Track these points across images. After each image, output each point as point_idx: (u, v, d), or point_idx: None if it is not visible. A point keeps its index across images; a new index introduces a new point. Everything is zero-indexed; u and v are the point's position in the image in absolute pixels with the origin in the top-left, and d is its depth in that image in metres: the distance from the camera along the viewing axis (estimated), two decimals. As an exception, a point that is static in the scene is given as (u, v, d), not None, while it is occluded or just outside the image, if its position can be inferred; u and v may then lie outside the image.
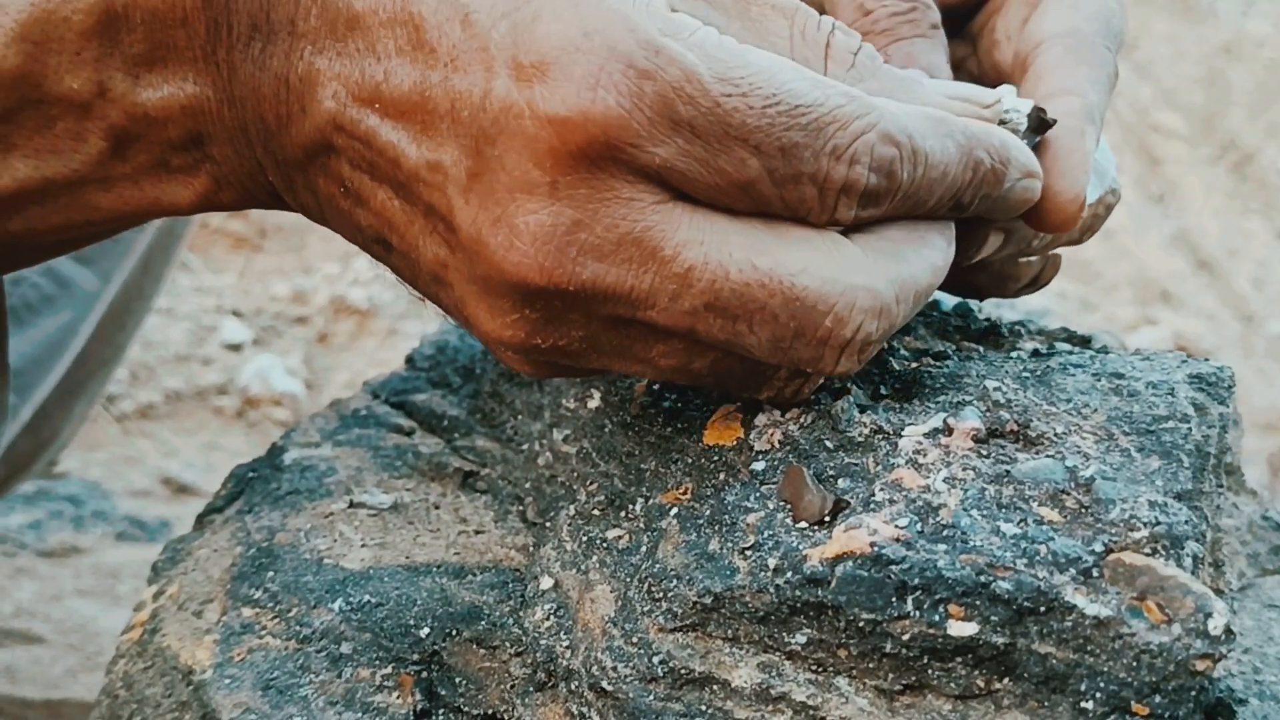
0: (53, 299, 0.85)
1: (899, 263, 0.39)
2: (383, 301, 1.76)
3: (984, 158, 0.39)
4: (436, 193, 0.38)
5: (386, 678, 0.43)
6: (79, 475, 1.41)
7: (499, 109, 0.35)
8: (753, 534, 0.39)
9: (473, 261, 0.38)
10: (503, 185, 0.36)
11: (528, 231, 0.36)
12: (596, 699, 0.39)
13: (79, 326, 0.87)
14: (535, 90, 0.35)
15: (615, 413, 0.49)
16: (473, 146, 0.36)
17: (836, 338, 0.37)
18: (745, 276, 0.36)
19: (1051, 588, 0.35)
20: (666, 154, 0.35)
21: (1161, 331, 1.96)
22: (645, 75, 0.34)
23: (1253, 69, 2.47)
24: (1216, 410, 0.44)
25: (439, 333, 0.64)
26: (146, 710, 0.46)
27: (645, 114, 0.35)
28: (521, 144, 0.35)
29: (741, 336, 0.37)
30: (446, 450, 0.56)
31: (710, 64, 0.35)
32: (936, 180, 0.38)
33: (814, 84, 0.36)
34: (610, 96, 0.34)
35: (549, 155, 0.35)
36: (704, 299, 0.37)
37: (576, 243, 0.36)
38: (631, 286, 0.37)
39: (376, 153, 0.38)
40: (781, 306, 0.37)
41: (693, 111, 0.35)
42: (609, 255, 0.36)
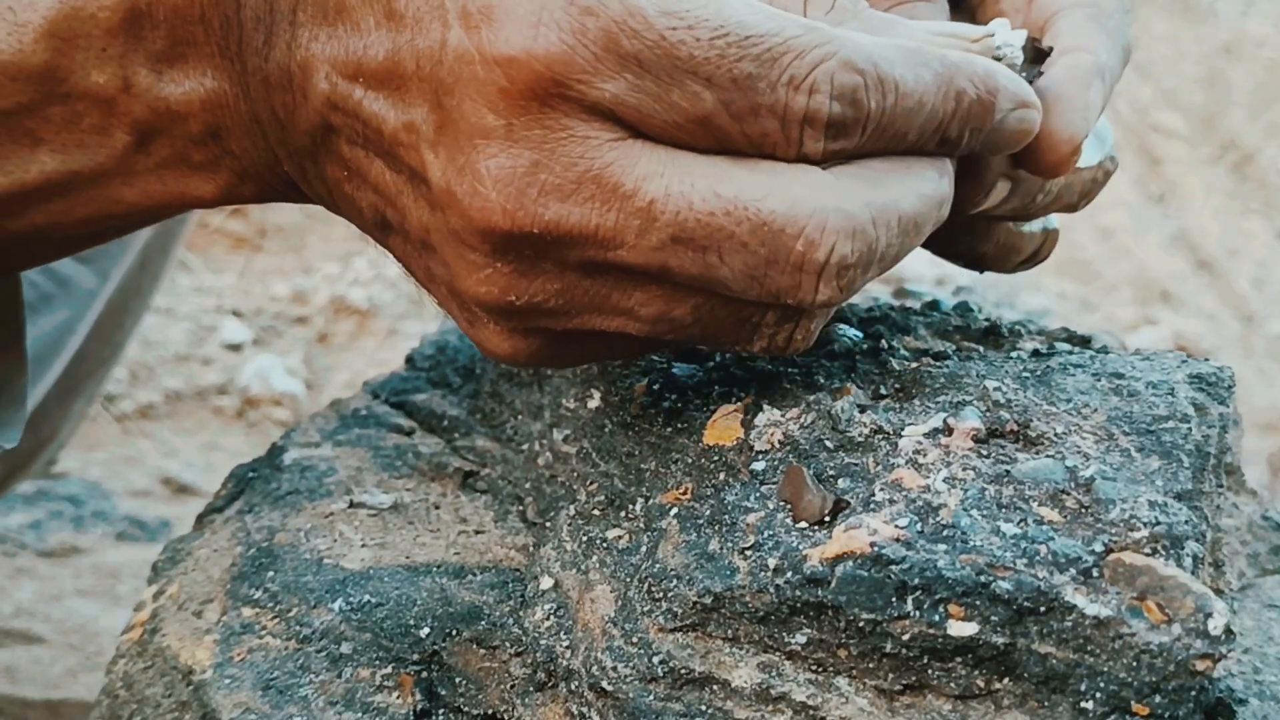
0: (50, 297, 0.85)
1: (876, 188, 0.38)
2: (383, 301, 1.76)
3: (967, 86, 0.38)
4: (413, 153, 0.38)
5: (386, 678, 0.43)
6: (79, 475, 1.41)
7: (453, 59, 0.36)
8: (753, 534, 0.39)
9: (447, 215, 0.38)
10: (464, 134, 0.36)
11: (489, 176, 0.36)
12: (596, 699, 0.39)
13: (77, 325, 0.87)
14: (482, 34, 0.35)
15: (615, 413, 0.49)
16: (435, 100, 0.37)
17: (811, 262, 0.37)
18: (709, 205, 0.36)
19: (1051, 588, 0.35)
20: (616, 89, 0.35)
21: (1161, 331, 1.96)
22: (587, 11, 0.35)
23: (1253, 69, 2.47)
24: (1216, 410, 0.44)
25: (439, 333, 0.64)
26: (146, 710, 0.46)
27: (590, 49, 0.35)
28: (475, 90, 0.36)
29: (714, 269, 0.37)
30: (446, 450, 0.56)
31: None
32: (913, 110, 0.37)
33: (768, 16, 0.35)
34: (553, 34, 0.35)
35: (500, 97, 0.35)
36: (670, 231, 0.36)
37: (537, 183, 0.36)
38: (597, 225, 0.37)
39: (365, 124, 0.39)
40: (749, 233, 0.36)
41: (638, 45, 0.35)
42: (571, 194, 0.36)
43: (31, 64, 0.39)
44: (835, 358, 0.47)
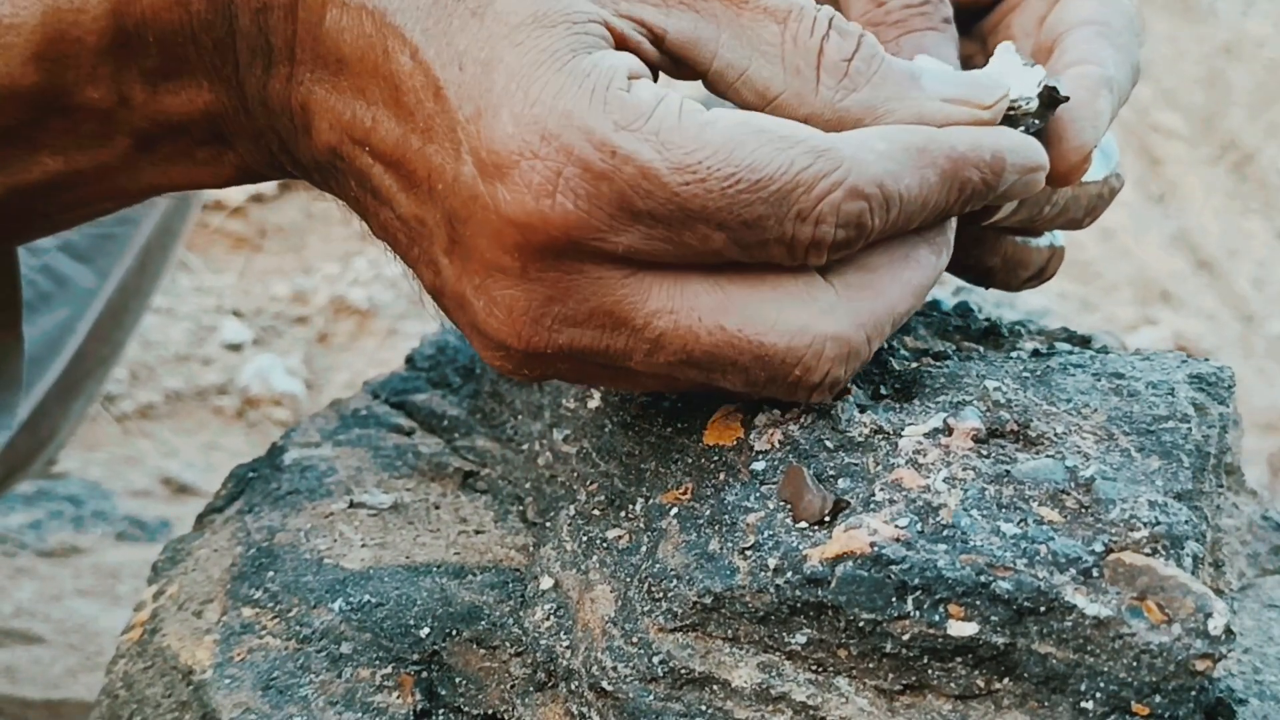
0: (50, 297, 0.85)
1: (874, 298, 0.39)
2: (383, 301, 1.76)
3: (972, 176, 0.39)
4: (425, 242, 0.39)
5: (386, 678, 0.43)
6: (79, 475, 1.41)
7: (467, 195, 0.37)
8: (753, 534, 0.39)
9: (458, 310, 0.40)
10: (477, 261, 0.37)
11: (504, 304, 0.38)
12: (596, 699, 0.39)
13: (76, 324, 0.87)
14: (498, 189, 0.36)
15: (615, 413, 0.49)
16: (447, 221, 0.38)
17: (806, 383, 0.39)
18: (715, 339, 0.38)
19: (1051, 588, 0.35)
20: (630, 240, 0.36)
21: (1161, 331, 1.96)
22: (601, 177, 0.35)
23: (1253, 69, 2.47)
24: (1216, 410, 0.44)
25: (439, 333, 0.64)
26: (146, 710, 0.46)
27: (604, 212, 0.36)
28: (489, 233, 0.37)
29: (717, 381, 0.39)
30: (446, 450, 0.56)
31: (666, 154, 0.35)
32: (916, 212, 0.38)
33: (777, 148, 0.36)
34: (568, 201, 0.35)
35: (515, 248, 0.37)
36: (678, 357, 0.38)
37: (551, 314, 0.38)
38: (608, 346, 0.38)
39: (374, 188, 0.40)
40: (751, 362, 0.38)
41: (651, 204, 0.35)
42: (583, 323, 0.38)
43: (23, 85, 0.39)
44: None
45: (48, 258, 0.84)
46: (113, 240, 0.87)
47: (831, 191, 0.36)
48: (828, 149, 0.36)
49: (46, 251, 0.83)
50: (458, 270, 0.38)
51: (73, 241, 0.84)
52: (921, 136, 0.38)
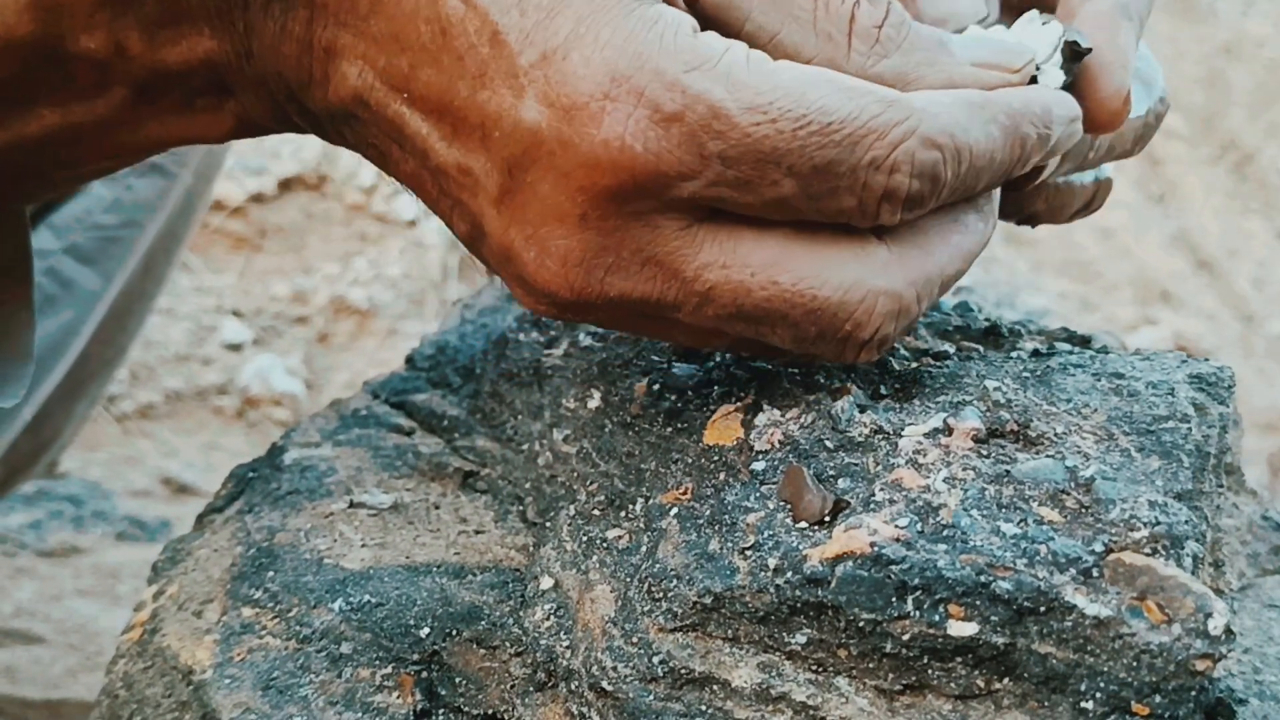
0: (55, 300, 0.85)
1: (925, 258, 0.39)
2: (383, 301, 1.76)
3: (1029, 132, 0.39)
4: (467, 193, 0.39)
5: (386, 678, 0.43)
6: (79, 475, 1.41)
7: (530, 141, 0.36)
8: (753, 534, 0.39)
9: (503, 261, 0.39)
10: (534, 209, 0.37)
11: (558, 254, 0.37)
12: (596, 699, 0.39)
13: (80, 327, 0.87)
14: (567, 132, 0.35)
15: (615, 413, 0.49)
16: (504, 167, 0.37)
17: (856, 339, 0.39)
18: (767, 293, 0.37)
19: (1051, 588, 0.35)
20: (696, 187, 0.36)
21: (1161, 331, 1.96)
22: (673, 118, 0.35)
23: (1253, 69, 2.47)
24: (1216, 410, 0.44)
25: (439, 333, 0.64)
26: (146, 710, 0.46)
27: (675, 155, 0.35)
28: (554, 177, 0.36)
29: (764, 336, 0.39)
30: (446, 450, 0.56)
31: (736, 94, 0.35)
32: (984, 168, 0.38)
33: (847, 95, 0.36)
34: (638, 144, 0.35)
35: (580, 192, 0.36)
36: (727, 311, 0.38)
37: (603, 265, 0.37)
38: (659, 296, 0.38)
39: (406, 137, 0.39)
40: (803, 316, 0.38)
41: (722, 145, 0.35)
42: (635, 274, 0.38)
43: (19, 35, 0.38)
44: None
45: (53, 260, 0.84)
46: (117, 244, 0.87)
47: (906, 139, 0.36)
48: (897, 99, 0.36)
49: (52, 254, 0.84)
50: (507, 220, 0.38)
51: (78, 245, 0.84)
52: (979, 95, 0.38)
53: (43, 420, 0.89)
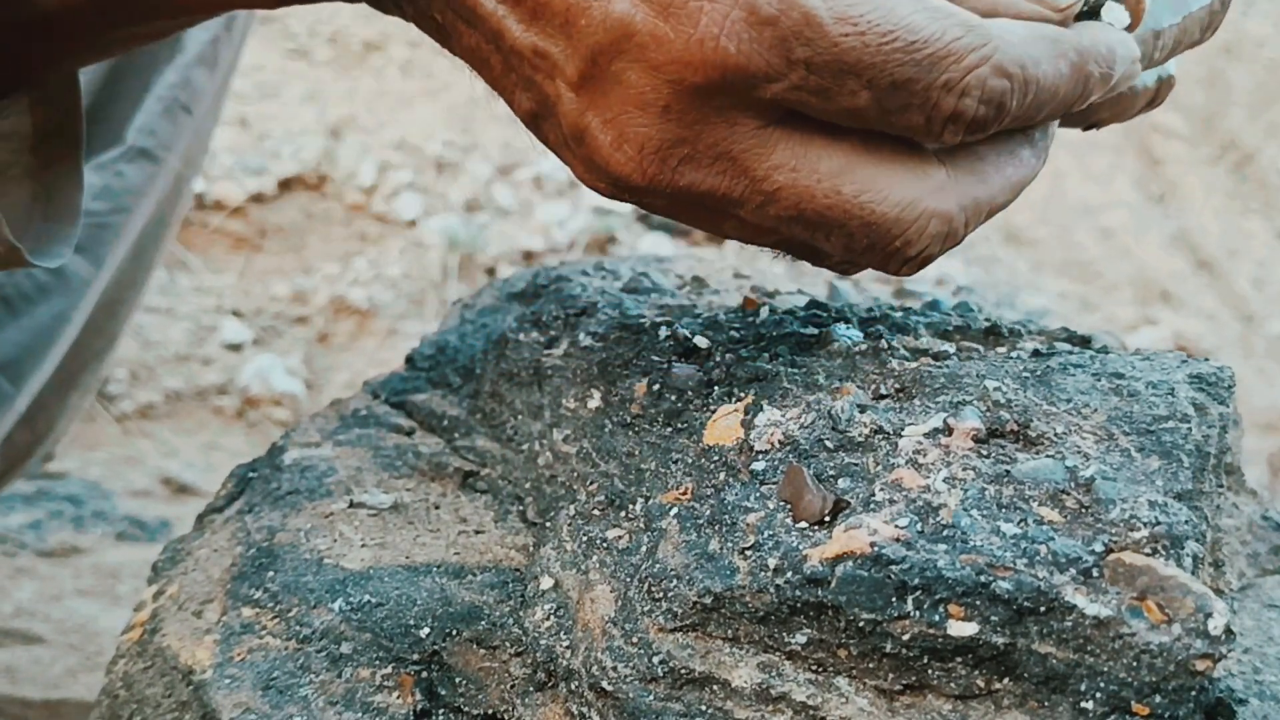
0: (46, 287, 0.85)
1: (979, 184, 0.41)
2: (383, 301, 1.76)
3: (1093, 70, 0.41)
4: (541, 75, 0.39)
5: (386, 678, 0.43)
6: (79, 475, 1.41)
7: (620, 33, 0.37)
8: (753, 534, 0.39)
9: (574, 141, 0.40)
10: (617, 96, 0.38)
11: (636, 140, 0.39)
12: (596, 699, 0.39)
13: (72, 314, 0.87)
14: (663, 27, 0.37)
15: (615, 413, 0.49)
16: (589, 54, 0.38)
17: (902, 254, 0.40)
18: (829, 200, 0.39)
19: (1051, 588, 0.35)
20: (780, 89, 0.37)
21: (1161, 331, 1.96)
22: (768, 21, 0.36)
23: (1253, 69, 2.47)
24: (1216, 410, 0.44)
25: (439, 333, 0.64)
26: (146, 710, 0.46)
27: (764, 57, 0.36)
28: (643, 69, 0.37)
29: (818, 242, 0.41)
30: (446, 450, 0.56)
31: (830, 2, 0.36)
32: (1047, 101, 0.40)
33: (932, 15, 0.37)
34: (732, 44, 0.36)
35: (668, 85, 0.37)
36: (789, 213, 0.39)
37: (678, 155, 0.39)
38: (726, 191, 0.39)
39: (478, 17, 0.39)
40: (859, 227, 0.40)
41: (809, 51, 0.36)
42: (707, 167, 0.39)
43: None
44: (835, 358, 0.47)
45: None
46: (107, 230, 0.87)
47: (980, 65, 0.37)
48: (978, 25, 0.37)
49: None
50: (585, 104, 0.39)
51: None
52: (1054, 30, 0.40)
53: (37, 411, 0.89)
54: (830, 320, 0.52)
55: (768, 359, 0.47)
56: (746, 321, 0.52)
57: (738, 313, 0.54)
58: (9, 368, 0.84)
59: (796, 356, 0.47)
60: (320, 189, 1.85)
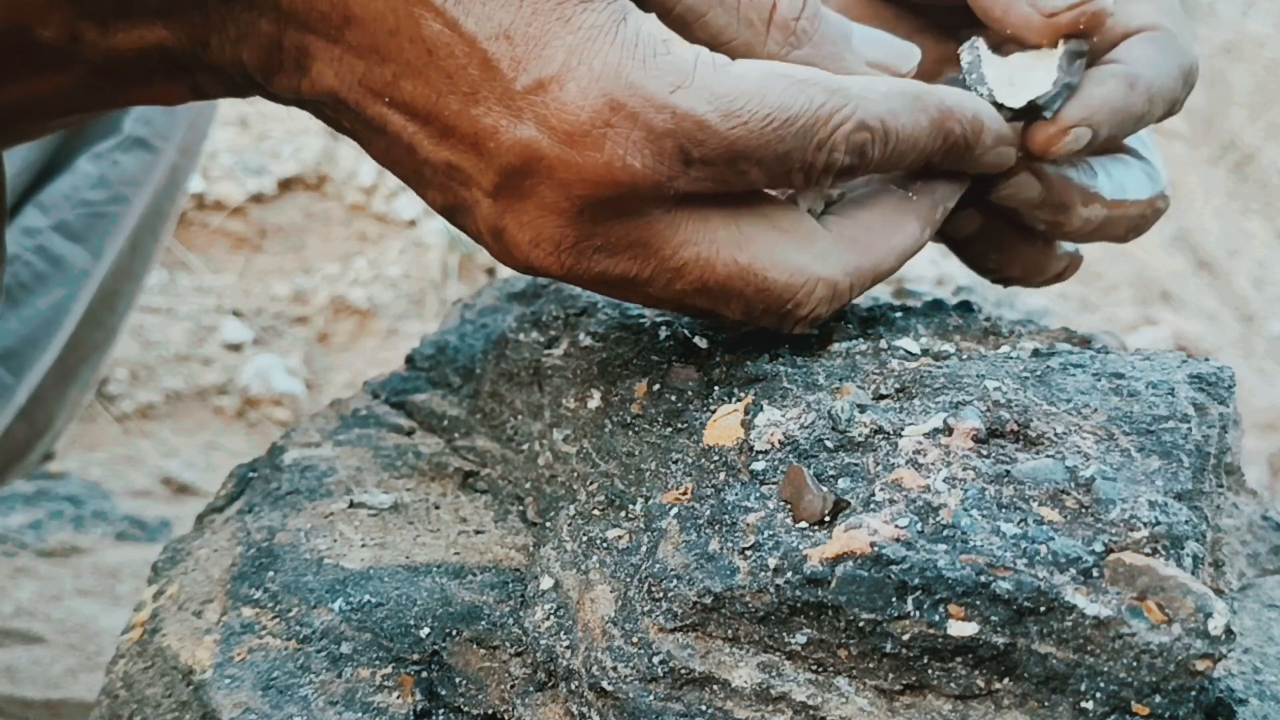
0: (46, 278, 0.85)
1: (862, 254, 0.45)
2: (383, 301, 1.76)
3: (955, 129, 0.45)
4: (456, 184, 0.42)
5: (386, 678, 0.43)
6: (79, 475, 1.41)
7: (530, 155, 0.40)
8: (753, 534, 0.39)
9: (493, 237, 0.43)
10: (533, 204, 0.41)
11: (552, 239, 0.42)
12: (596, 699, 0.39)
13: (71, 304, 0.87)
14: (569, 154, 0.39)
15: (615, 413, 0.49)
16: (501, 171, 0.41)
17: (794, 315, 0.44)
18: (728, 270, 0.43)
19: (1051, 588, 0.35)
20: (682, 185, 0.40)
21: (1161, 331, 1.96)
22: (665, 135, 0.39)
23: (1253, 69, 2.47)
24: (1216, 410, 0.44)
25: (439, 333, 0.64)
26: (146, 710, 0.46)
27: (665, 164, 0.40)
28: (556, 185, 0.40)
29: (719, 309, 0.44)
30: (446, 450, 0.56)
31: (715, 105, 0.39)
32: (907, 151, 0.44)
33: (800, 88, 0.41)
34: (637, 161, 0.39)
35: (581, 198, 0.40)
36: (694, 285, 0.43)
37: (592, 247, 0.42)
38: (636, 274, 0.43)
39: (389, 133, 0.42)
40: (754, 294, 0.43)
41: (704, 151, 0.40)
42: (620, 254, 0.42)
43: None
44: (835, 358, 0.47)
45: (42, 238, 0.84)
46: (105, 219, 0.88)
47: (844, 124, 0.41)
48: (840, 88, 0.41)
49: (40, 232, 0.84)
50: (502, 208, 0.42)
51: (66, 221, 0.85)
52: (916, 86, 0.44)
53: (36, 405, 0.89)
54: (830, 320, 0.52)
55: (768, 359, 0.47)
56: (746, 321, 0.52)
57: (738, 313, 0.54)
58: (8, 358, 0.84)
59: (796, 356, 0.47)
60: (320, 189, 1.85)
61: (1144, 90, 0.48)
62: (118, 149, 0.87)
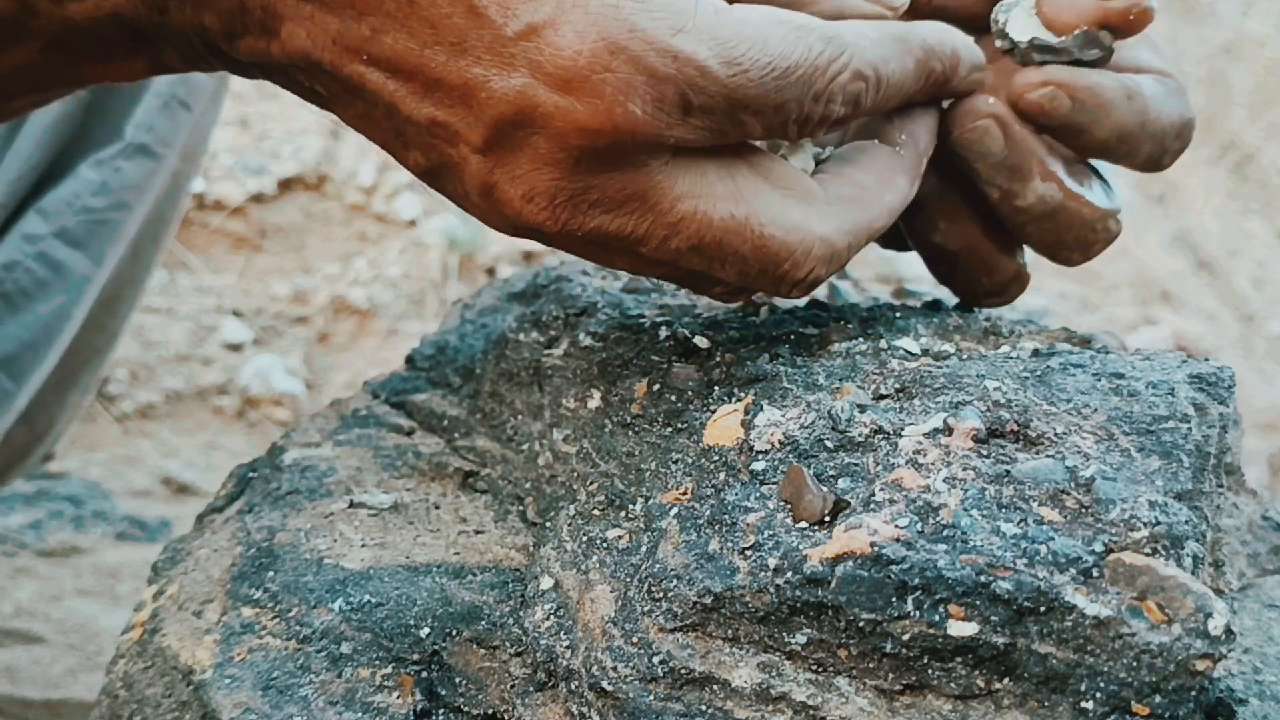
0: (47, 284, 0.85)
1: (858, 211, 0.44)
2: (383, 301, 1.76)
3: (936, 66, 0.45)
4: (440, 141, 0.40)
5: (386, 678, 0.43)
6: (79, 475, 1.41)
7: (524, 104, 0.38)
8: (753, 534, 0.39)
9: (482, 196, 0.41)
10: (526, 156, 0.39)
11: (547, 193, 0.40)
12: (596, 699, 0.39)
13: (72, 311, 0.87)
14: (565, 101, 0.38)
15: (615, 413, 0.49)
16: (491, 123, 0.39)
17: (790, 277, 0.43)
18: (725, 224, 0.41)
19: (1051, 588, 0.35)
20: (681, 133, 0.39)
21: (1161, 331, 1.96)
22: (667, 80, 0.38)
23: (1253, 69, 2.47)
24: (1216, 410, 0.44)
25: (439, 333, 0.64)
26: (146, 710, 0.46)
27: (665, 111, 0.38)
28: (552, 135, 0.39)
29: (714, 270, 0.43)
30: (446, 450, 0.56)
31: (717, 50, 0.38)
32: (895, 95, 0.44)
33: (798, 36, 0.40)
34: (637, 107, 0.38)
35: (577, 148, 0.39)
36: (690, 242, 0.41)
37: (589, 200, 0.40)
38: (632, 230, 0.41)
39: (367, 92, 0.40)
40: (751, 251, 0.42)
41: (705, 99, 0.39)
42: (616, 209, 0.40)
43: None
44: (835, 358, 0.47)
45: (43, 245, 0.84)
46: (106, 226, 0.87)
47: (841, 73, 0.41)
48: (835, 35, 0.41)
49: (41, 239, 0.84)
50: (492, 164, 0.40)
51: (67, 228, 0.85)
52: (901, 29, 0.44)
53: (37, 409, 0.89)
54: (830, 320, 0.52)
55: (768, 359, 0.47)
56: (746, 321, 0.52)
57: (738, 313, 0.54)
58: (9, 363, 0.84)
59: (796, 356, 0.47)
60: (320, 189, 1.85)
61: (1140, 108, 0.48)
62: (120, 156, 0.87)
